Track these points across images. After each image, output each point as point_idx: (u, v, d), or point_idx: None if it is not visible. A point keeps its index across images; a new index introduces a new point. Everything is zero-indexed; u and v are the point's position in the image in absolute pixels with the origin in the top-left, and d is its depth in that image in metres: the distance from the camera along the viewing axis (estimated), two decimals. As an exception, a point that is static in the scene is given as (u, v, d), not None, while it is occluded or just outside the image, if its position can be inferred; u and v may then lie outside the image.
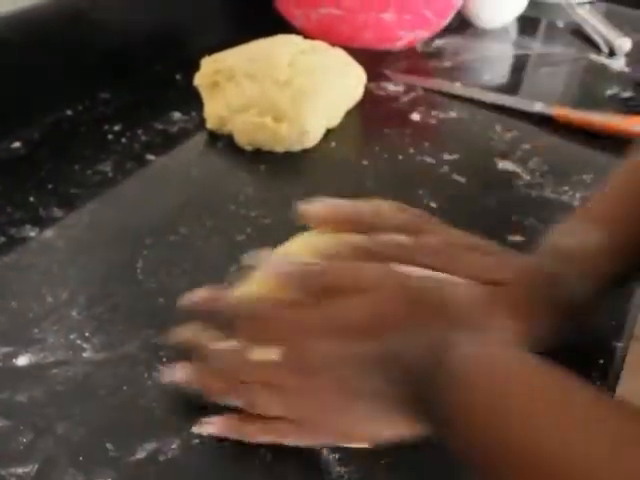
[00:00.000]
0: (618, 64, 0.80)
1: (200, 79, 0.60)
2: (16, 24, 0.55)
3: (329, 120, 0.60)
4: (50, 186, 0.52)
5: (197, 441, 0.34)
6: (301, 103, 0.55)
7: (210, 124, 0.58)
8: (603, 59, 0.81)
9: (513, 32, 0.89)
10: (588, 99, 0.72)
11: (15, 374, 0.37)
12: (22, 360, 0.37)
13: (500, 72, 0.80)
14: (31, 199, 0.50)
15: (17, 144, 0.57)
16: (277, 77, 0.56)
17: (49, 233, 0.47)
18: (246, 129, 0.56)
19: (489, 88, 0.71)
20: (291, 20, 0.78)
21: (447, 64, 0.78)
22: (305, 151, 0.57)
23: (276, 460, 0.33)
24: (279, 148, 0.56)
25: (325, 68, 0.59)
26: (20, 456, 0.33)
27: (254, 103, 0.56)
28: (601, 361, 0.39)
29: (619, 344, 0.40)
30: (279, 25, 0.76)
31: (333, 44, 0.67)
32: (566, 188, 0.54)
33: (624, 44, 0.82)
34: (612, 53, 0.82)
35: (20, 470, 0.32)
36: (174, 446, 0.33)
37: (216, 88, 0.59)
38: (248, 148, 0.57)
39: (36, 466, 0.32)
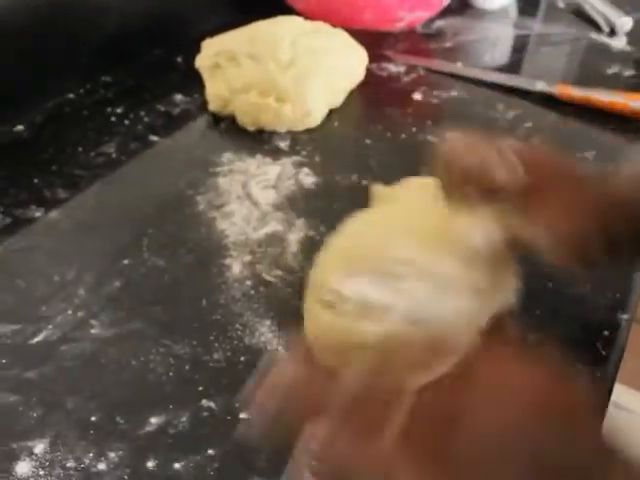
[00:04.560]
0: (619, 43, 0.79)
1: (201, 61, 0.60)
2: (18, 9, 0.55)
3: (331, 100, 0.59)
4: (54, 168, 0.52)
5: (207, 414, 0.34)
6: (303, 83, 0.55)
7: (212, 106, 0.58)
8: (604, 38, 0.81)
9: (513, 12, 0.89)
10: (589, 78, 0.72)
11: (24, 351, 0.37)
12: (31, 337, 0.38)
13: (501, 52, 0.80)
14: (35, 181, 0.50)
15: (20, 127, 0.57)
16: (279, 58, 0.56)
17: (54, 214, 0.47)
18: (249, 110, 0.56)
19: (490, 68, 0.71)
20: (292, 2, 0.78)
21: (448, 45, 0.77)
22: (308, 130, 0.57)
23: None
24: (282, 128, 0.56)
25: (327, 49, 0.59)
26: (31, 431, 0.33)
27: (256, 83, 0.56)
28: (606, 332, 0.39)
29: (624, 316, 0.41)
30: (280, 7, 0.76)
31: (334, 25, 0.67)
32: (569, 165, 0.54)
33: (625, 23, 0.81)
34: (613, 32, 0.82)
35: (31, 444, 0.33)
36: (184, 419, 0.34)
37: (217, 70, 0.58)
38: (251, 128, 0.57)
39: (47, 440, 0.33)
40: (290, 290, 0.41)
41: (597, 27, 0.83)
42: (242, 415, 0.34)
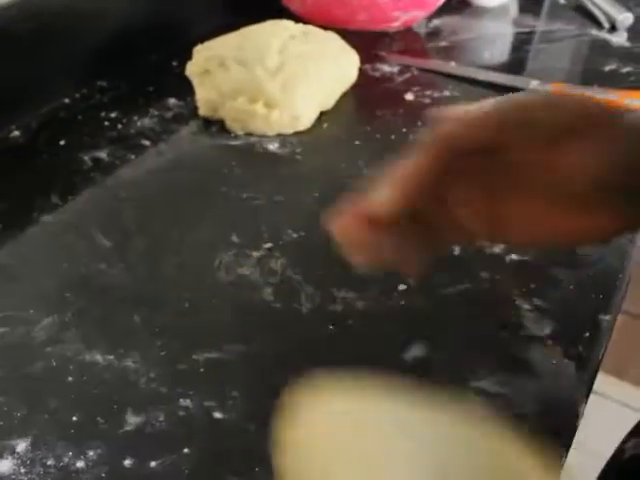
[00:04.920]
0: (620, 39, 0.79)
1: (191, 68, 0.61)
2: (14, 14, 0.56)
3: (322, 104, 0.60)
4: (48, 173, 0.53)
5: (183, 413, 0.35)
6: (292, 89, 0.56)
7: (202, 111, 0.59)
8: (604, 34, 0.80)
9: (513, 10, 0.89)
10: (588, 75, 0.72)
11: (12, 353, 0.38)
12: (18, 339, 0.39)
13: (500, 50, 0.80)
14: (30, 186, 0.52)
15: (16, 133, 0.58)
16: (267, 64, 0.57)
17: (48, 218, 0.49)
18: (237, 116, 0.56)
19: (489, 67, 0.71)
20: (287, 3, 0.78)
21: (444, 44, 0.77)
22: (297, 133, 0.58)
23: (260, 432, 0.34)
24: (271, 132, 0.57)
25: (316, 53, 0.60)
26: (14, 429, 0.34)
27: (245, 89, 0.56)
28: (587, 334, 0.40)
29: (605, 317, 0.41)
30: (276, 9, 0.76)
31: (329, 26, 0.67)
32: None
33: (626, 19, 0.81)
34: (614, 28, 0.81)
35: (14, 443, 0.34)
36: (161, 418, 0.35)
37: (207, 76, 0.59)
38: (240, 132, 0.58)
39: (30, 439, 0.34)
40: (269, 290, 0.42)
41: (598, 23, 0.83)
42: (216, 415, 0.35)
